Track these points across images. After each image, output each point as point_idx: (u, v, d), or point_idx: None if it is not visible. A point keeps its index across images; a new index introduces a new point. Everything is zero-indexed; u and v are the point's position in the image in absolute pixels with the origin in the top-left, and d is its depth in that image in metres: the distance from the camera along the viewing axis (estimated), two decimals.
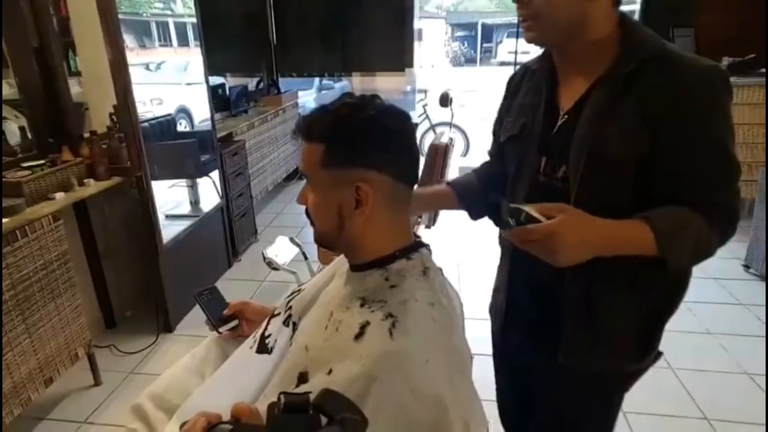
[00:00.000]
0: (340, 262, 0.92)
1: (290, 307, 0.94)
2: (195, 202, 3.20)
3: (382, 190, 0.76)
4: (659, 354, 1.06)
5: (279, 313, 0.95)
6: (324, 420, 0.49)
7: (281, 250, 2.23)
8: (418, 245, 0.84)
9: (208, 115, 3.12)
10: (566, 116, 0.96)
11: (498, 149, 1.17)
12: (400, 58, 4.83)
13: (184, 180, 3.16)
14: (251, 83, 4.81)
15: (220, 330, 1.09)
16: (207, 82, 3.06)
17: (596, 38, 0.90)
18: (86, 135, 2.27)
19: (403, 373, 0.68)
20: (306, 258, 2.31)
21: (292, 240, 2.30)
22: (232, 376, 0.92)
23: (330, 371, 0.71)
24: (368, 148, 0.76)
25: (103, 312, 2.59)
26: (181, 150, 2.98)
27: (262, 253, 2.14)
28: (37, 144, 2.19)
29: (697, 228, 0.85)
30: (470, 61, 21.84)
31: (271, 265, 2.13)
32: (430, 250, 0.86)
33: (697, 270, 0.95)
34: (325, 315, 0.81)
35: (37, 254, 1.80)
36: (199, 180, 3.17)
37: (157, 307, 2.55)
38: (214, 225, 3.15)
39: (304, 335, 0.84)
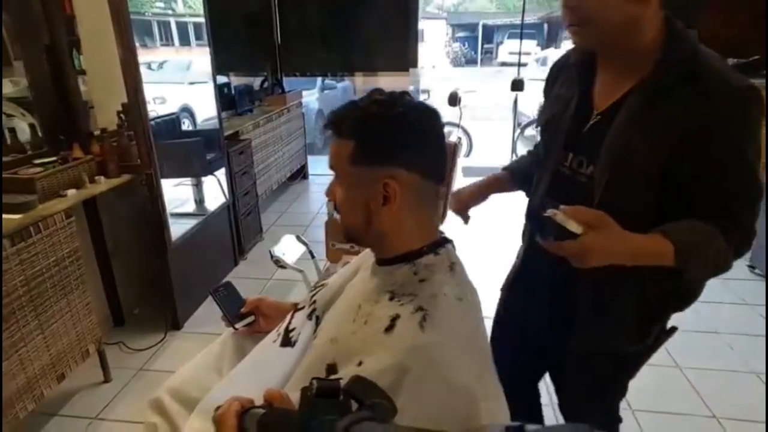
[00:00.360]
0: (365, 257, 0.93)
1: (314, 301, 0.94)
2: (200, 201, 3.20)
3: (409, 187, 0.76)
4: (674, 328, 1.09)
5: (303, 307, 0.96)
6: (354, 406, 0.50)
7: (288, 249, 2.23)
8: (444, 241, 0.85)
9: (211, 113, 3.12)
10: (599, 117, 0.96)
11: None
12: (403, 58, 4.81)
13: (189, 178, 3.16)
14: (255, 83, 4.81)
15: (237, 326, 1.09)
16: (215, 81, 3.06)
17: (644, 41, 0.88)
18: (96, 133, 2.28)
19: (435, 366, 0.68)
20: (313, 256, 2.30)
21: (298, 238, 2.29)
22: (255, 368, 0.92)
23: (360, 363, 0.71)
24: (397, 146, 0.76)
25: (112, 309, 2.59)
26: (187, 148, 2.97)
27: (270, 252, 2.13)
28: (48, 141, 2.19)
29: (716, 243, 0.86)
30: (471, 61, 21.79)
31: (279, 264, 2.12)
32: (454, 246, 0.86)
33: None
34: (352, 308, 0.81)
35: (50, 250, 1.80)
36: (203, 178, 3.17)
37: (166, 305, 2.56)
38: (221, 223, 3.15)
39: (331, 328, 0.85)
